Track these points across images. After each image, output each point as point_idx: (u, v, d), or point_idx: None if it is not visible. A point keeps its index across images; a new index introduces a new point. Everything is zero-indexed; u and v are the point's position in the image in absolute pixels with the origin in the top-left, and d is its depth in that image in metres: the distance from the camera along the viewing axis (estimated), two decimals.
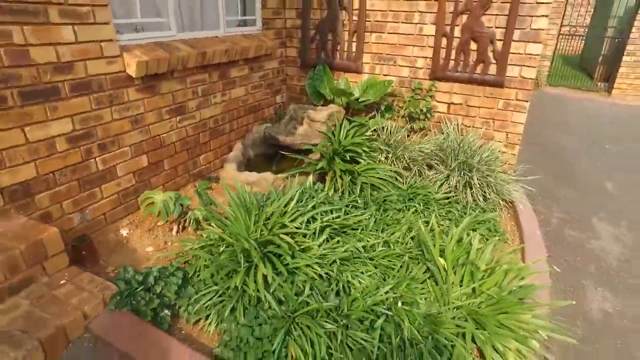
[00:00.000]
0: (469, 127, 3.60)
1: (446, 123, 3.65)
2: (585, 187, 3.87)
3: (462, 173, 3.11)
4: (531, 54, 3.22)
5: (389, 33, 3.70)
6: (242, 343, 1.78)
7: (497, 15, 3.25)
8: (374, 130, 3.55)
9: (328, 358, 1.69)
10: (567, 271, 2.63)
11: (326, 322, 1.80)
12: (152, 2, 2.86)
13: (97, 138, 2.44)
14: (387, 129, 3.56)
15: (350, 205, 2.76)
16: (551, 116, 6.43)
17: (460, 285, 2.01)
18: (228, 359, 1.74)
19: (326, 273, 2.05)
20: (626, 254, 2.85)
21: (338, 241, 2.31)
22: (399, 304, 1.87)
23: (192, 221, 2.61)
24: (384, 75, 3.83)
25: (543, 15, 3.11)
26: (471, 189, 3.06)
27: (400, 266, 2.21)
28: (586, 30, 9.78)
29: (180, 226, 2.64)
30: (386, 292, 1.95)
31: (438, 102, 3.68)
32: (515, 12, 3.17)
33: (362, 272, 2.12)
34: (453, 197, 3.04)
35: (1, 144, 1.98)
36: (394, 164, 3.29)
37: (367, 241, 2.34)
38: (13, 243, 1.86)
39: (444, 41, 3.49)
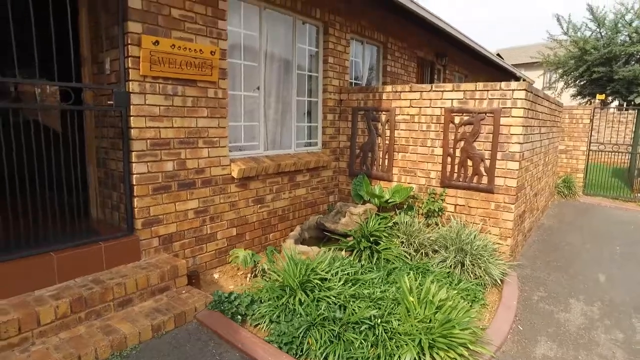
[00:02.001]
0: (471, 223, 4.67)
1: (453, 219, 4.77)
2: (576, 277, 4.56)
3: (457, 256, 4.15)
4: (511, 169, 4.39)
5: (410, 153, 5.12)
6: (282, 333, 2.94)
7: (484, 142, 4.55)
8: (396, 223, 4.77)
9: (329, 343, 2.79)
10: (528, 330, 3.42)
11: (331, 325, 2.92)
12: (250, 133, 4.62)
13: (209, 213, 4.00)
14: (406, 222, 4.75)
15: (367, 269, 3.92)
16: (576, 220, 7.09)
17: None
18: (274, 341, 2.91)
19: (338, 301, 3.19)
20: (587, 324, 3.56)
21: (351, 287, 3.46)
22: (379, 320, 2.94)
23: (260, 270, 3.93)
24: (408, 183, 5.16)
25: (516, 143, 4.34)
26: (463, 266, 4.07)
27: (387, 302, 3.27)
28: (615, 147, 10.37)
29: (252, 274, 3.97)
30: (373, 315, 3.03)
31: (447, 203, 4.86)
32: (496, 140, 4.45)
33: (360, 305, 3.22)
34: (448, 272, 4.05)
35: (163, 211, 3.57)
36: (407, 247, 4.42)
37: (371, 289, 3.46)
38: (162, 265, 3.32)
39: (449, 159, 4.80)
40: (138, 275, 3.13)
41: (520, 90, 4.31)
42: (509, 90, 4.37)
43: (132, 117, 3.30)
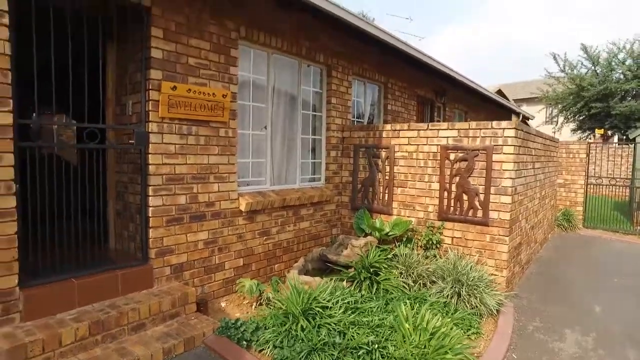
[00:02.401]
0: (468, 254, 4.86)
1: (450, 251, 4.96)
2: (573, 308, 4.68)
3: (454, 286, 4.32)
4: (504, 203, 4.63)
5: (409, 188, 5.38)
6: (284, 357, 3.12)
7: (478, 177, 4.80)
8: (396, 254, 4.97)
9: None
10: (521, 358, 3.56)
11: (331, 350, 3.10)
12: (257, 169, 4.93)
13: (218, 244, 4.24)
14: (405, 254, 4.95)
15: (366, 299, 4.10)
16: (574, 252, 7.21)
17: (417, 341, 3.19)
18: None
19: (338, 327, 3.37)
20: (581, 354, 3.68)
21: (351, 314, 3.64)
22: (376, 346, 3.12)
23: (265, 299, 4.12)
24: (407, 216, 5.39)
25: (508, 178, 4.60)
26: (460, 296, 4.23)
27: (385, 329, 3.44)
28: (612, 180, 10.50)
29: (258, 303, 4.16)
30: (371, 341, 3.20)
31: (445, 236, 5.07)
32: (490, 175, 4.71)
33: (359, 332, 3.40)
34: (445, 302, 4.22)
35: (176, 241, 3.83)
36: (406, 278, 4.60)
37: (369, 317, 3.64)
38: (174, 292, 3.55)
39: (445, 194, 5.05)
40: (151, 302, 3.35)
41: (510, 129, 4.61)
42: (500, 129, 4.67)
43: (150, 155, 3.62)
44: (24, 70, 3.14)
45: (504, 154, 4.64)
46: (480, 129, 4.80)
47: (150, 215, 3.64)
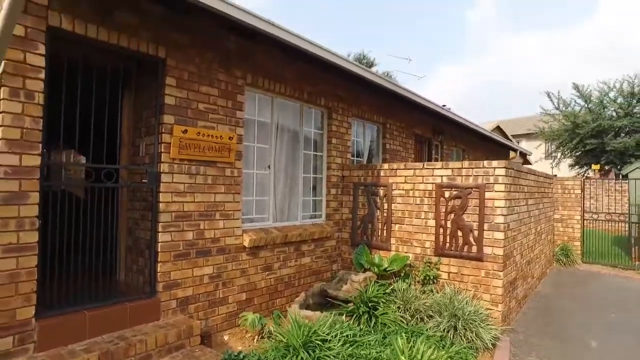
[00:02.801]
0: (464, 289, 5.00)
1: (447, 286, 5.10)
2: (569, 343, 4.76)
3: (450, 321, 4.45)
4: (497, 239, 4.82)
5: (406, 224, 5.58)
6: None
7: (472, 214, 5.02)
8: (394, 289, 5.11)
9: None
10: None
11: None
12: (260, 206, 5.17)
13: (222, 279, 4.42)
14: (403, 289, 5.09)
15: (365, 332, 4.22)
16: (572, 288, 7.28)
17: None
18: None
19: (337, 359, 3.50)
20: None
21: (349, 347, 3.77)
22: None
23: (267, 332, 4.25)
24: (405, 252, 5.56)
25: (500, 214, 4.81)
26: (456, 330, 4.35)
27: None
28: (608, 215, 10.64)
29: (260, 336, 4.28)
30: None
31: (441, 271, 5.23)
32: (483, 212, 4.92)
33: None
34: (442, 336, 4.33)
35: (182, 275, 4.02)
36: (404, 312, 4.73)
37: (367, 350, 3.76)
38: (179, 325, 3.70)
39: (441, 230, 5.25)
40: (157, 334, 3.50)
41: (500, 168, 4.87)
42: (491, 168, 4.93)
43: (161, 193, 3.88)
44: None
45: (496, 191, 4.88)
46: (473, 168, 5.07)
47: (159, 250, 3.85)
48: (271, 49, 4.84)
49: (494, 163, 4.93)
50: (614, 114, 15.83)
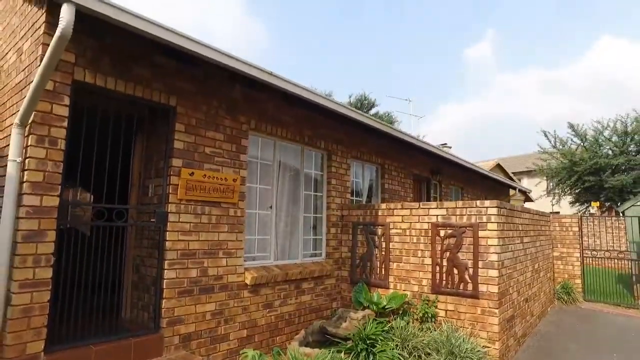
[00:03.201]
0: (461, 327, 5.08)
1: (444, 323, 5.18)
2: None
3: (447, 358, 4.51)
4: (492, 277, 4.95)
5: (404, 263, 5.73)
6: None
7: (466, 252, 5.18)
8: (392, 327, 5.19)
9: None
10: None
11: None
12: (262, 245, 5.36)
13: (224, 315, 4.55)
14: (401, 326, 5.17)
15: None
16: (573, 326, 7.24)
17: None
18: None
19: None
20: None
21: None
22: None
23: None
24: (403, 290, 5.68)
25: (494, 252, 4.97)
26: None
27: None
28: (607, 252, 10.71)
29: None
30: None
31: (439, 309, 5.32)
32: (477, 250, 5.09)
33: None
34: None
35: (185, 312, 4.16)
36: (402, 350, 4.80)
37: None
38: None
39: (437, 268, 5.39)
40: None
41: (492, 207, 5.08)
42: (484, 207, 5.14)
43: (167, 232, 4.09)
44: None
45: (489, 230, 5.06)
46: (466, 207, 5.28)
47: (164, 286, 4.02)
48: (273, 96, 5.19)
49: (486, 203, 5.15)
50: (610, 152, 16.16)
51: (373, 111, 27.94)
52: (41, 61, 3.06)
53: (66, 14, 2.80)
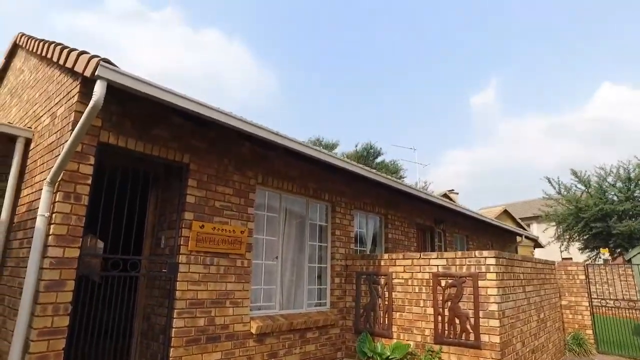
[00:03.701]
0: None
1: None
2: None
3: None
4: (493, 326, 5.02)
5: (407, 312, 5.82)
6: None
7: (467, 301, 5.28)
8: None
9: None
10: None
11: None
12: (268, 294, 5.52)
13: None
14: None
15: None
16: None
17: None
18: None
19: None
20: None
21: None
22: None
23: None
24: (406, 340, 5.73)
25: (494, 302, 5.07)
26: None
27: None
28: (616, 302, 10.54)
29: None
30: None
31: None
32: (477, 301, 5.19)
33: None
34: None
35: (190, 357, 4.29)
36: None
37: None
38: None
39: (439, 318, 5.47)
40: None
41: (490, 257, 5.24)
42: (482, 257, 5.30)
43: (178, 282, 4.31)
44: None
45: (488, 280, 5.19)
46: (466, 257, 5.44)
47: (172, 335, 4.18)
48: (279, 153, 5.56)
49: (485, 253, 5.31)
50: (615, 198, 16.23)
51: (379, 159, 28.54)
52: (73, 126, 3.47)
53: (99, 88, 3.22)
